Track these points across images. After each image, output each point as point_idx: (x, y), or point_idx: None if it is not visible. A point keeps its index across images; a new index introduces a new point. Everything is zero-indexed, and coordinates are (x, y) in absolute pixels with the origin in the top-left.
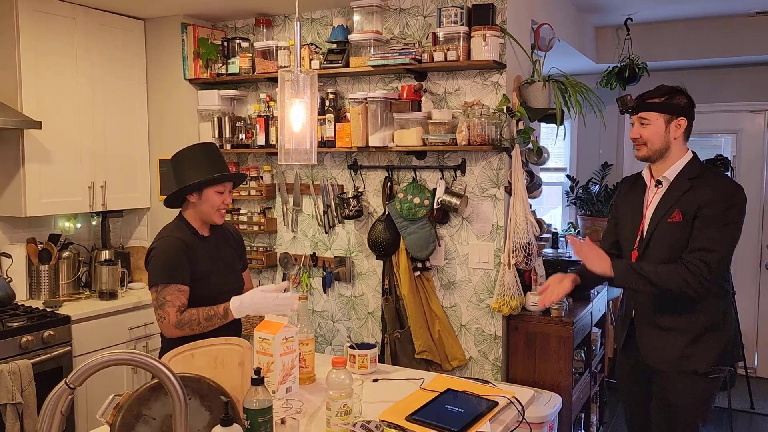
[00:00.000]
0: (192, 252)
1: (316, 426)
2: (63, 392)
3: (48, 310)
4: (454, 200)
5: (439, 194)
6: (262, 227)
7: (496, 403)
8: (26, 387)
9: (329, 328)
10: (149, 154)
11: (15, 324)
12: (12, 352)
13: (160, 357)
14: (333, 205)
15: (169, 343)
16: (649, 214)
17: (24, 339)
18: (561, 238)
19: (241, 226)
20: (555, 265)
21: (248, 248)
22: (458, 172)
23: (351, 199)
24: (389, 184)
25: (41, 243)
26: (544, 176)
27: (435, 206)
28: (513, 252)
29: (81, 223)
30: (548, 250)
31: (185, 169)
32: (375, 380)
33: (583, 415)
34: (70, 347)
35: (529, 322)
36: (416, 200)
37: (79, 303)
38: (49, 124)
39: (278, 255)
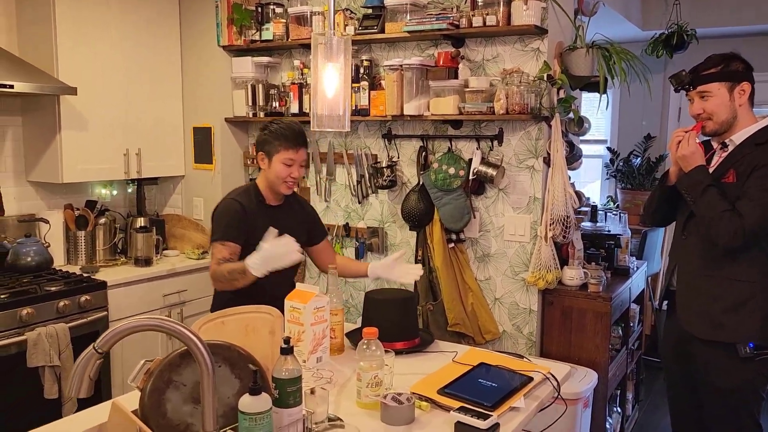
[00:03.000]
0: (250, 218)
1: (346, 397)
2: (91, 357)
3: (85, 275)
4: (490, 171)
5: (475, 165)
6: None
7: (531, 379)
8: (63, 350)
9: (362, 299)
10: (183, 122)
11: (52, 288)
12: (49, 316)
13: (214, 303)
14: (366, 175)
15: (217, 302)
16: None
17: (61, 303)
18: (600, 212)
19: None
20: (594, 240)
21: None
22: (495, 142)
23: (385, 169)
24: (424, 154)
25: (78, 209)
26: (583, 148)
27: (470, 177)
28: (550, 225)
29: (117, 190)
30: (587, 224)
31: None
32: (406, 352)
33: (618, 392)
34: (106, 312)
35: (565, 296)
36: (451, 170)
37: (115, 269)
38: (85, 91)
39: None
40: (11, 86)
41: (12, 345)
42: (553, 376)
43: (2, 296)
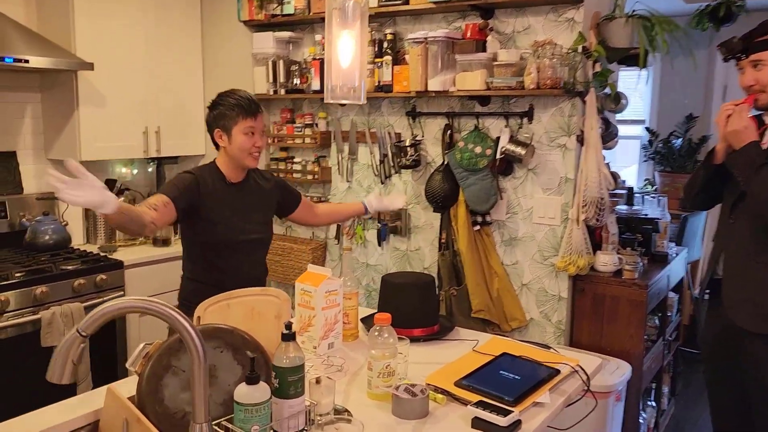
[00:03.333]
0: (205, 192)
1: (357, 386)
2: (74, 340)
3: (102, 254)
4: (519, 150)
5: (503, 143)
6: (316, 176)
7: (558, 372)
8: None
9: None
10: (204, 100)
11: (69, 267)
12: (65, 295)
13: (179, 295)
14: (390, 154)
15: (183, 290)
16: None
17: (77, 282)
18: (637, 195)
19: (294, 175)
20: (630, 223)
21: None
22: (525, 120)
23: (408, 148)
24: (449, 132)
25: None
26: (619, 130)
27: (498, 156)
28: (583, 207)
29: (137, 169)
30: (622, 207)
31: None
32: (423, 340)
33: (653, 385)
34: (122, 292)
35: (597, 283)
36: (477, 149)
37: (133, 249)
38: (103, 68)
39: None
40: (26, 61)
41: (27, 324)
42: (582, 368)
43: (18, 274)
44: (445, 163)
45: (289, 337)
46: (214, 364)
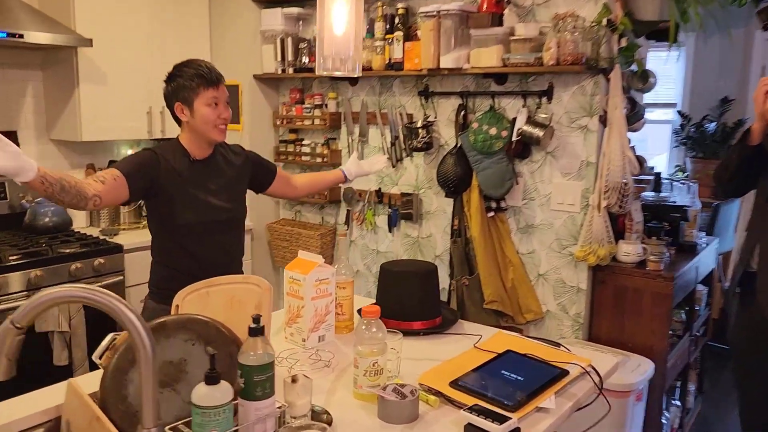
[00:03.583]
0: (167, 170)
1: (344, 384)
2: (7, 333)
3: (102, 238)
4: (537, 131)
5: (520, 124)
6: (325, 159)
7: (567, 372)
8: (74, 315)
9: None
10: None
11: (66, 250)
12: (61, 280)
13: (150, 281)
14: (401, 136)
15: (153, 276)
16: None
17: (73, 266)
18: (665, 181)
19: (303, 158)
20: (656, 211)
21: None
22: (543, 99)
23: (420, 129)
24: (463, 112)
25: (101, 169)
26: (649, 115)
27: (514, 138)
28: (605, 193)
29: None
30: (649, 194)
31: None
32: (423, 333)
33: (678, 383)
34: (122, 277)
35: (619, 274)
36: (493, 131)
37: (137, 232)
38: (104, 45)
39: (342, 190)
40: (21, 36)
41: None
42: (594, 369)
43: (13, 257)
44: (459, 145)
45: (256, 331)
46: (184, 357)
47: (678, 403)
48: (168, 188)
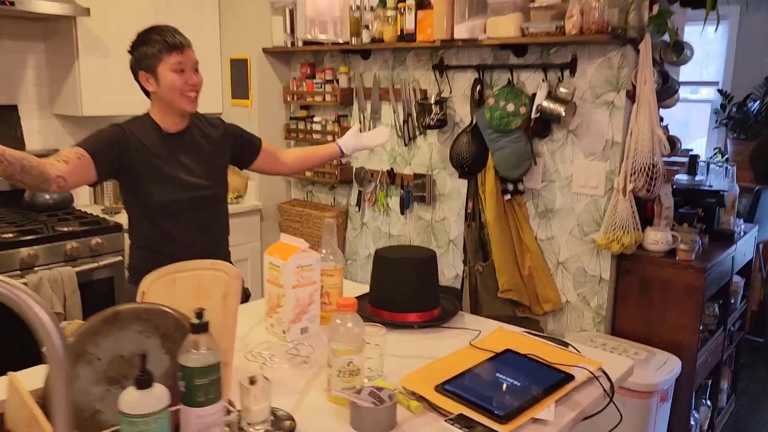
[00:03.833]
0: (136, 146)
1: (321, 383)
2: None
3: (102, 216)
4: (558, 107)
5: (540, 100)
6: (336, 137)
7: (572, 378)
8: (69, 296)
9: None
10: (221, 53)
11: (63, 229)
12: (56, 259)
13: (128, 264)
14: (414, 113)
15: (132, 257)
16: None
17: (69, 246)
18: (701, 164)
19: (314, 136)
20: (690, 196)
21: None
22: (566, 72)
23: (433, 105)
24: (479, 87)
25: None
26: (685, 93)
27: (533, 115)
28: (631, 175)
29: None
30: (682, 177)
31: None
32: (418, 327)
33: (710, 382)
34: (121, 257)
35: (646, 264)
36: (510, 107)
37: None
38: (105, 15)
39: (354, 169)
40: (11, 3)
41: None
42: (605, 373)
43: (7, 235)
44: (474, 123)
45: (199, 328)
46: (136, 352)
47: (708, 403)
48: (138, 166)
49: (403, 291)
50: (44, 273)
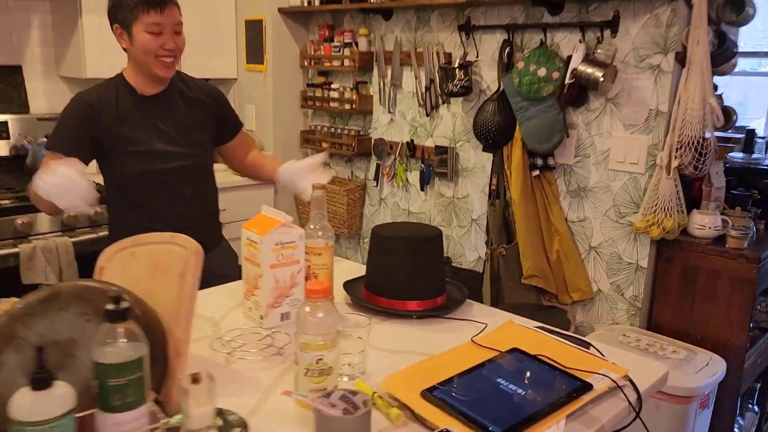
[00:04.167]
0: (108, 115)
1: (291, 381)
2: None
3: (102, 184)
4: (597, 72)
5: (576, 64)
6: (353, 106)
7: (590, 387)
8: (66, 268)
9: None
10: (235, 13)
11: None
12: (52, 228)
13: (108, 237)
14: (437, 79)
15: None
16: None
17: (66, 214)
18: (760, 140)
19: (331, 104)
20: (744, 176)
21: (338, 131)
22: (606, 32)
23: (457, 70)
24: (508, 50)
25: None
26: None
27: (567, 81)
28: (677, 150)
29: None
30: (737, 155)
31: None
32: (417, 316)
33: (758, 386)
34: None
35: (690, 251)
36: (542, 72)
37: None
38: None
39: (372, 141)
40: None
41: (8, 257)
42: (631, 382)
43: (3, 201)
44: (501, 90)
45: (116, 315)
46: (73, 337)
47: (756, 408)
48: (108, 136)
49: (401, 275)
50: (39, 242)
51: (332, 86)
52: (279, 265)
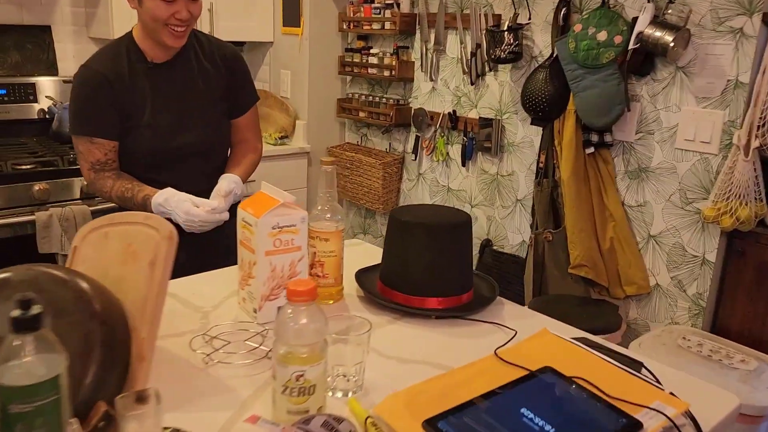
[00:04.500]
0: (123, 88)
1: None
2: None
3: None
4: (666, 36)
5: (642, 26)
6: (393, 73)
7: (639, 426)
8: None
9: None
10: None
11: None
12: (69, 196)
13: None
14: (484, 44)
15: None
16: None
17: (85, 183)
18: None
19: (370, 71)
20: None
21: (376, 100)
22: None
23: (506, 34)
24: (564, 10)
25: None
26: None
27: (632, 46)
28: (759, 128)
29: None
30: None
31: None
32: (437, 317)
33: None
34: None
35: (766, 245)
36: (602, 36)
37: None
38: None
39: (412, 110)
40: None
41: (26, 224)
42: (692, 419)
43: (23, 167)
44: (554, 55)
45: (23, 325)
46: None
47: None
48: (121, 110)
49: (419, 267)
50: (55, 210)
51: (371, 51)
52: (276, 252)
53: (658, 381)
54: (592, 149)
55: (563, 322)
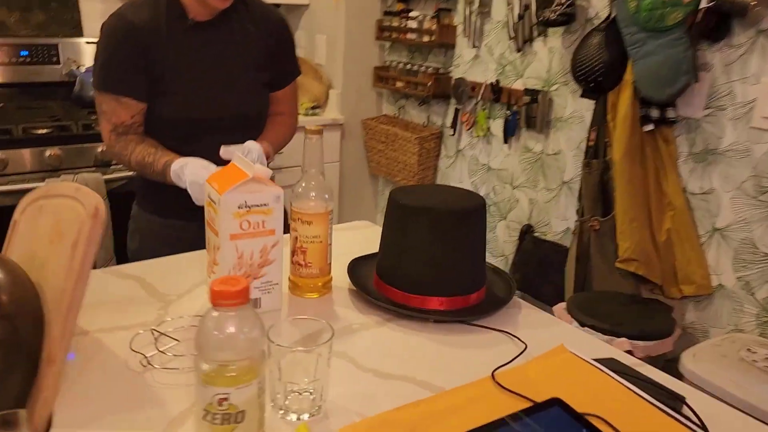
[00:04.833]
0: (155, 44)
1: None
2: None
3: None
4: None
5: None
6: (432, 38)
7: None
8: None
9: (506, 196)
10: None
11: (97, 129)
12: (83, 164)
13: (134, 182)
14: (533, 5)
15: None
16: None
17: (101, 149)
18: None
19: (408, 36)
20: None
21: (414, 68)
22: None
23: None
24: None
25: None
26: None
27: (704, 5)
28: None
29: None
30: None
31: None
32: (435, 321)
33: None
34: None
35: None
36: None
37: None
38: None
39: (453, 81)
40: None
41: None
42: None
43: (38, 131)
44: (611, 17)
45: None
46: None
47: None
48: (153, 70)
49: (419, 261)
50: (68, 177)
51: (410, 14)
52: (243, 236)
53: (702, 425)
54: (651, 126)
55: (607, 324)
